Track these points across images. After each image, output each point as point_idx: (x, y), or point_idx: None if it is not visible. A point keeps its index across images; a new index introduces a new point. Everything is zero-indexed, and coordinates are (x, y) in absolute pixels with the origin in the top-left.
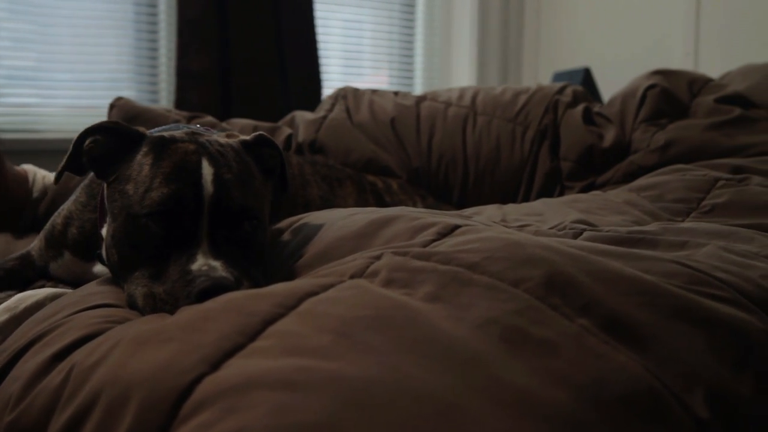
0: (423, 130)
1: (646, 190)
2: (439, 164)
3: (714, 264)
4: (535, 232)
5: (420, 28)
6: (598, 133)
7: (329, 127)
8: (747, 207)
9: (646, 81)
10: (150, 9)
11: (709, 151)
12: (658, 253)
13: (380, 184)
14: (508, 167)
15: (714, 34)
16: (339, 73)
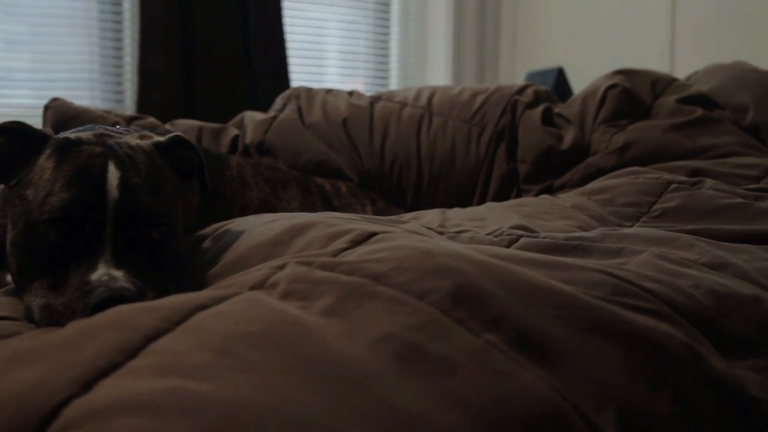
0: (376, 131)
1: (598, 193)
2: (392, 166)
3: (644, 273)
4: (470, 239)
5: (395, 27)
6: (557, 134)
7: (279, 128)
8: (697, 211)
9: (607, 81)
10: (114, 7)
11: (668, 152)
12: (585, 262)
13: (328, 186)
14: (464, 169)
15: (689, 34)
16: (312, 73)
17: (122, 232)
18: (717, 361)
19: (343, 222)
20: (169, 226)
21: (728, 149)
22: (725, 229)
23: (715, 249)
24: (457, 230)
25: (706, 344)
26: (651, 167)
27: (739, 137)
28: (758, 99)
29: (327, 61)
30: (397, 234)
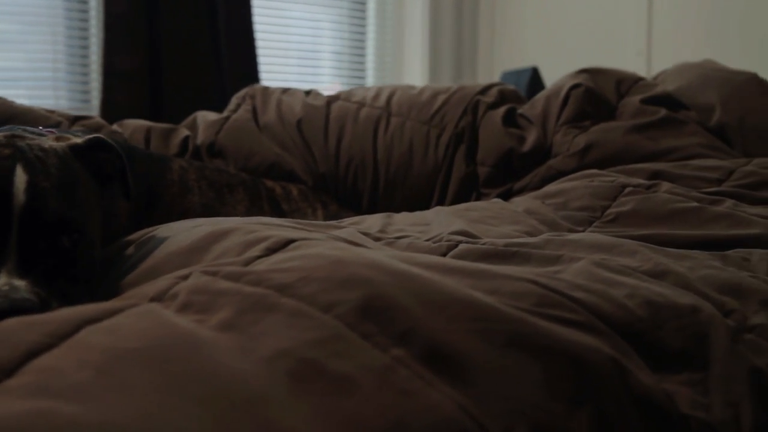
0: (331, 133)
1: (552, 197)
2: (347, 169)
3: (577, 282)
4: (408, 246)
5: (372, 26)
6: (518, 135)
7: (230, 128)
8: (651, 215)
9: (570, 80)
10: (80, 5)
11: (630, 154)
12: (516, 270)
13: (279, 190)
14: (422, 172)
15: (666, 34)
16: (287, 73)
17: (29, 239)
18: (645, 376)
19: (264, 228)
20: (82, 232)
21: (691, 151)
22: (678, 234)
23: (659, 256)
24: (397, 236)
25: (634, 358)
26: (612, 170)
27: (703, 138)
28: (725, 99)
29: (302, 60)
30: (317, 242)
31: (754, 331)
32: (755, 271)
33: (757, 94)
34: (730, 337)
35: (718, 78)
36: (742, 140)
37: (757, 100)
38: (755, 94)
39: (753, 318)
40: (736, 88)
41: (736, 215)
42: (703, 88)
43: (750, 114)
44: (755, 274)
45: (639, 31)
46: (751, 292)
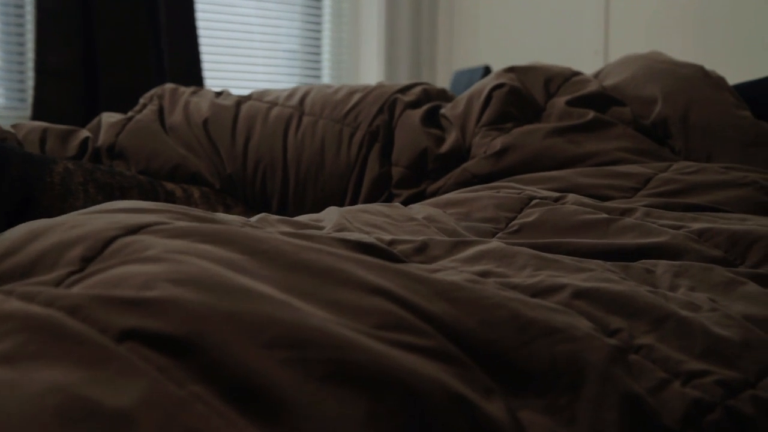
0: (239, 133)
1: (454, 206)
2: (255, 170)
3: (439, 296)
4: None
5: (327, 24)
6: (436, 136)
7: (133, 129)
8: (557, 227)
9: (494, 80)
10: (16, 0)
11: (548, 159)
12: (370, 279)
13: (179, 192)
14: (333, 172)
15: (623, 33)
16: (239, 71)
17: None
18: (494, 408)
19: (91, 220)
20: None
21: (614, 156)
22: (584, 243)
23: (552, 269)
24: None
25: (487, 384)
26: (524, 177)
27: (629, 142)
28: (667, 91)
29: (254, 59)
30: (147, 242)
31: (639, 352)
32: (657, 284)
33: (702, 87)
34: (608, 359)
35: (663, 70)
36: (685, 135)
37: (703, 93)
38: (701, 87)
39: (641, 338)
40: (681, 81)
41: (644, 226)
42: (646, 80)
43: (694, 108)
44: (656, 288)
45: (596, 30)
46: (645, 309)
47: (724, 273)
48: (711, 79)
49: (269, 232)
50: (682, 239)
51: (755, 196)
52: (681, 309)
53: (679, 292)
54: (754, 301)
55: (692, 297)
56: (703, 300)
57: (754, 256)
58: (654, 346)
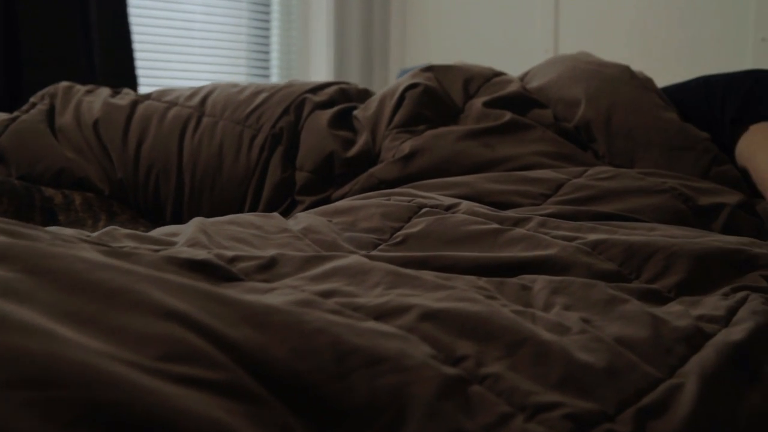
0: (132, 135)
1: (342, 214)
2: (147, 175)
3: (248, 319)
4: (125, 255)
5: (276, 21)
6: (346, 139)
7: (15, 131)
8: (442, 238)
9: (409, 79)
10: None
11: (460, 163)
12: (167, 303)
13: (59, 198)
14: (232, 177)
15: (573, 32)
16: (180, 70)
17: None
18: None
19: None
20: None
21: (529, 160)
22: (464, 257)
23: (408, 286)
24: (122, 245)
25: (283, 424)
26: (430, 182)
27: (548, 146)
28: (590, 93)
29: (201, 57)
30: None
31: (484, 382)
32: (532, 302)
33: (627, 88)
34: (438, 392)
35: (588, 71)
36: (608, 139)
37: (627, 94)
38: (626, 88)
39: (489, 366)
40: (606, 82)
41: (534, 238)
42: (571, 82)
43: (618, 110)
44: (527, 307)
45: (546, 30)
46: (500, 332)
47: (606, 290)
48: (637, 80)
49: (72, 247)
50: (572, 252)
51: (672, 203)
52: (545, 332)
53: (552, 312)
54: (631, 321)
55: (563, 317)
56: (574, 321)
57: (651, 270)
58: (502, 375)
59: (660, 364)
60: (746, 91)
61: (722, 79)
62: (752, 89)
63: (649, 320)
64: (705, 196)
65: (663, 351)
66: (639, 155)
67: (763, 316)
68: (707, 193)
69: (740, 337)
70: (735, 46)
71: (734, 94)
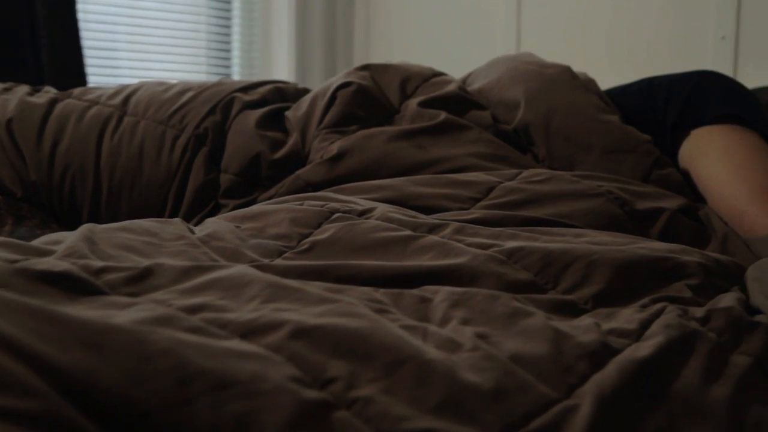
0: (47, 135)
1: (252, 220)
2: (63, 177)
3: (71, 345)
4: None
5: (237, 18)
6: (274, 140)
7: None
8: (350, 246)
9: (342, 78)
10: None
11: (390, 165)
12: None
13: None
14: (152, 180)
15: (535, 31)
16: (137, 68)
17: None
18: None
19: None
20: None
21: (463, 162)
22: (367, 266)
23: (288, 300)
24: None
25: None
26: (354, 185)
27: (484, 147)
28: (529, 95)
29: (159, 55)
30: None
31: (352, 407)
32: (429, 316)
33: (567, 89)
34: (291, 420)
35: (528, 72)
36: (547, 141)
37: (567, 96)
38: (565, 89)
39: (362, 388)
40: (545, 83)
41: (446, 246)
42: (511, 83)
43: (557, 112)
44: (422, 321)
45: (509, 28)
46: (380, 350)
47: (510, 303)
48: (578, 81)
49: None
50: (483, 261)
51: (607, 208)
52: (433, 349)
53: (448, 327)
54: (531, 337)
55: (458, 333)
56: (468, 337)
57: (569, 280)
58: (374, 398)
59: (557, 384)
60: (688, 94)
61: (665, 81)
62: (694, 93)
63: (550, 335)
64: (643, 200)
65: (562, 369)
66: (579, 158)
67: (676, 330)
68: (646, 197)
69: (647, 353)
70: (695, 44)
71: (676, 98)
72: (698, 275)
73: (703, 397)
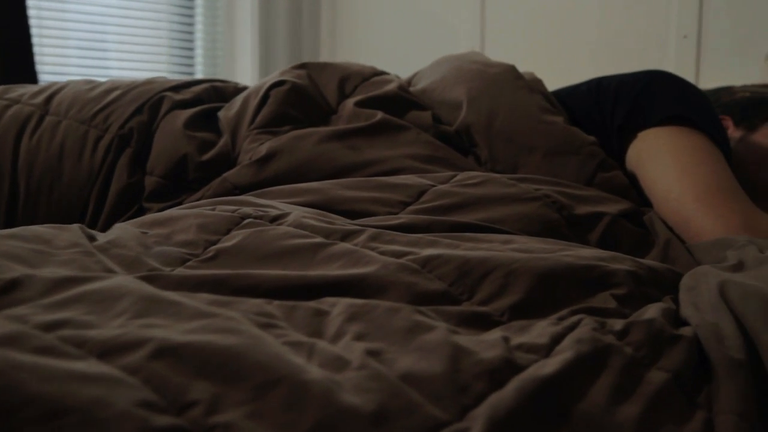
0: None
1: (161, 226)
2: None
3: None
4: None
5: (200, 17)
6: (204, 141)
7: None
8: (256, 254)
9: (277, 76)
10: None
11: (320, 167)
12: None
13: None
14: (72, 183)
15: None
16: (95, 67)
17: None
18: None
19: None
20: None
21: (398, 164)
22: (268, 276)
23: (159, 315)
24: None
25: None
26: (278, 189)
27: (422, 149)
28: (472, 96)
29: (119, 53)
30: None
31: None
32: (321, 330)
33: (510, 89)
34: None
35: (471, 71)
36: (489, 142)
37: (510, 96)
38: (508, 89)
39: (225, 412)
40: (488, 83)
41: (356, 254)
42: (454, 83)
43: (500, 113)
44: (314, 336)
45: (474, 27)
46: (251, 371)
47: (411, 316)
48: (522, 81)
49: None
50: (394, 270)
51: (543, 212)
52: (315, 369)
53: (340, 343)
54: (428, 354)
55: (348, 350)
56: (358, 354)
57: (486, 290)
58: (236, 424)
59: (449, 405)
60: (636, 95)
61: (614, 81)
62: (642, 93)
63: (449, 352)
64: (584, 204)
65: (457, 389)
66: (521, 160)
67: (587, 345)
68: (587, 201)
69: (550, 371)
70: (658, 43)
71: (624, 99)
72: (626, 284)
73: (610, 417)
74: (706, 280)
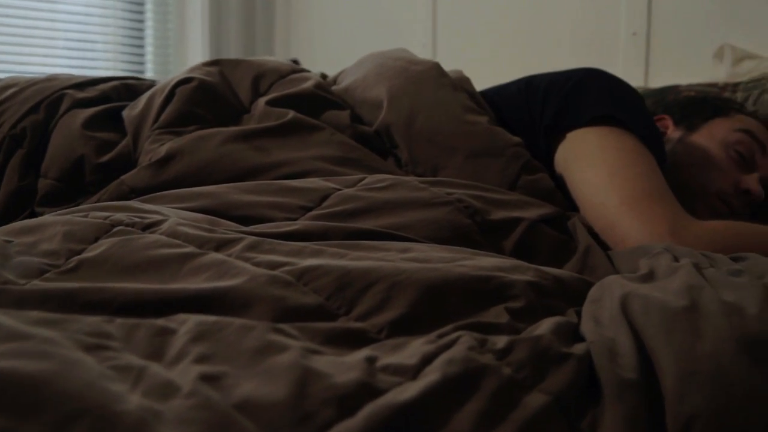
0: None
1: (27, 234)
2: None
3: None
4: None
5: (150, 13)
6: (104, 142)
7: None
8: (120, 265)
9: (185, 73)
10: None
11: (223, 169)
12: None
13: None
14: None
15: (450, 27)
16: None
17: None
18: None
19: None
20: None
21: (308, 166)
22: (129, 290)
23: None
24: None
25: None
26: (173, 192)
27: (332, 150)
28: (392, 95)
29: (69, 51)
30: None
31: None
32: (162, 351)
33: (432, 87)
34: None
35: (394, 69)
36: (410, 143)
37: (432, 95)
38: (430, 87)
39: None
40: (409, 81)
41: (226, 264)
42: (376, 81)
43: (421, 113)
44: (149, 359)
45: (426, 23)
46: (54, 401)
47: (264, 335)
48: (446, 79)
49: None
50: (263, 283)
51: (453, 218)
52: (135, 397)
53: (178, 366)
54: (274, 378)
55: (182, 374)
56: (191, 379)
57: (366, 304)
58: None
59: None
60: (565, 94)
61: (544, 80)
62: (571, 93)
63: (296, 376)
64: (501, 209)
65: (298, 418)
66: (442, 162)
67: (457, 366)
68: (505, 205)
69: (409, 396)
70: (607, 40)
71: (553, 98)
72: (525, 296)
73: None
74: (610, 292)
